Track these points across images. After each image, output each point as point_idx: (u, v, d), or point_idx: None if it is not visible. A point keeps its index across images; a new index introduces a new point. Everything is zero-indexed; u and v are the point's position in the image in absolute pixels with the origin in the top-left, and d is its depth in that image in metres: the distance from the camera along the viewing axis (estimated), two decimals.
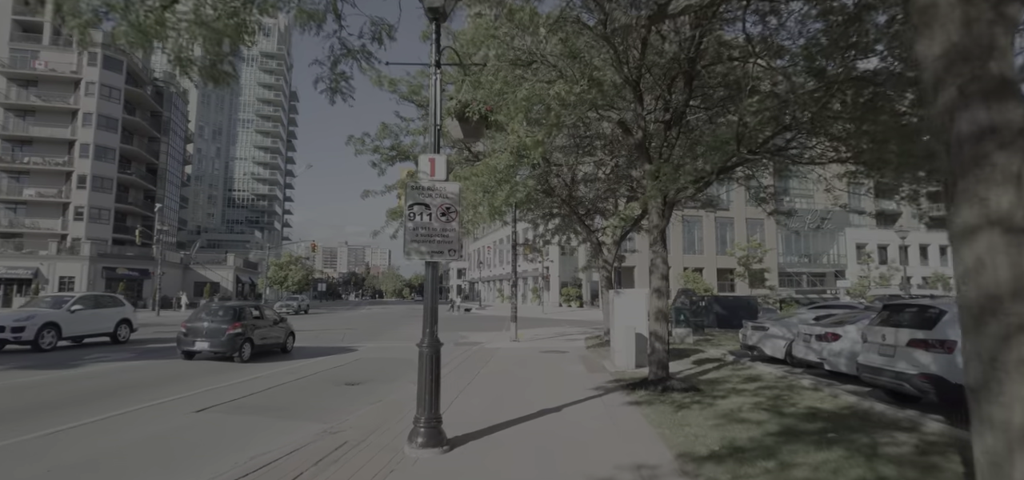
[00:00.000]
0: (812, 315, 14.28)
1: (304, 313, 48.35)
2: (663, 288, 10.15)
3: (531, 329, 27.62)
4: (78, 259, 50.61)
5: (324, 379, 12.73)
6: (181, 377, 12.67)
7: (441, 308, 63.64)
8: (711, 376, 11.47)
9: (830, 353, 11.02)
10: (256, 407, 9.50)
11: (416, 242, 6.45)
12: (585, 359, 15.09)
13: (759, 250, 51.04)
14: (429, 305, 6.38)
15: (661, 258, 10.23)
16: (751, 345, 14.47)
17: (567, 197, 18.22)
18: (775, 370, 12.03)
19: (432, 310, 6.38)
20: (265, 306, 18.29)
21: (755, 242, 52.65)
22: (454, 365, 14.23)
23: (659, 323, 10.05)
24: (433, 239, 6.47)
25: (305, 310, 49.97)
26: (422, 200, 6.51)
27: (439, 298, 39.48)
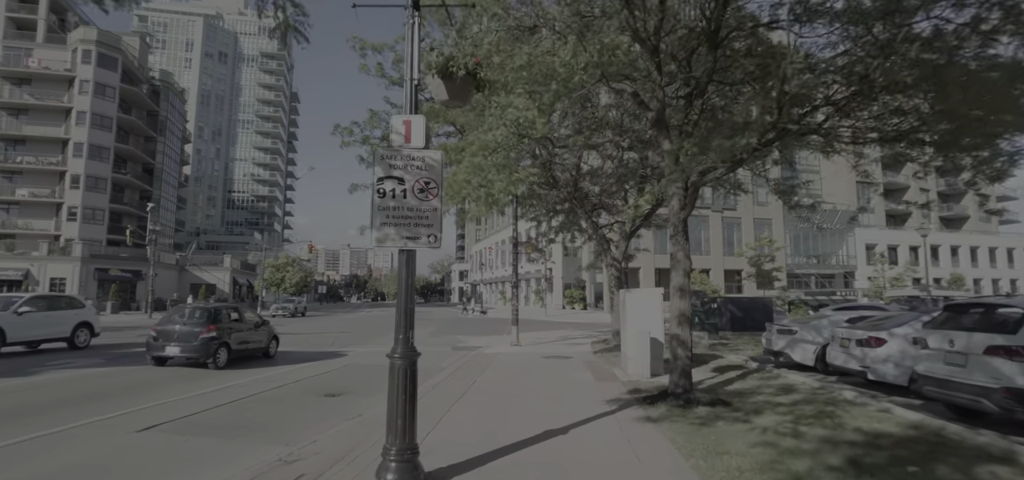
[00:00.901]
0: (843, 317, 12.90)
1: (301, 316, 47.06)
2: (685, 287, 8.80)
3: (533, 332, 26.26)
4: (69, 260, 49.41)
5: (303, 389, 11.41)
6: (143, 387, 11.37)
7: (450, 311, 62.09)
8: (738, 386, 10.11)
9: (874, 360, 9.65)
10: (212, 425, 8.17)
11: (386, 225, 5.12)
12: (592, 366, 13.74)
13: (770, 248, 49.45)
14: (403, 305, 5.05)
15: (683, 252, 8.88)
16: (776, 350, 13.10)
17: (572, 191, 16.89)
18: (808, 379, 10.65)
19: (407, 312, 5.04)
20: (245, 308, 16.97)
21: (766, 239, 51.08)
22: (448, 373, 12.89)
23: (682, 327, 8.69)
24: (408, 221, 5.14)
25: (302, 313, 48.66)
26: (395, 172, 5.18)
27: (440, 300, 38.27)
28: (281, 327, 31.70)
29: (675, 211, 8.92)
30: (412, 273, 5.12)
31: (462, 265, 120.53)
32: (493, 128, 8.67)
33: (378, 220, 5.12)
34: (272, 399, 10.35)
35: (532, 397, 9.65)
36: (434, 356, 17.36)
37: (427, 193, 5.19)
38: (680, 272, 8.81)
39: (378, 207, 5.13)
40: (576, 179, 16.70)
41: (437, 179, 5.23)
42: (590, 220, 17.54)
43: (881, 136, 8.31)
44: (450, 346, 20.58)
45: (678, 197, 8.92)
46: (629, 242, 17.56)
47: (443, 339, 24.08)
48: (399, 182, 5.18)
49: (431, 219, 5.17)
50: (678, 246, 8.86)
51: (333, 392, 10.97)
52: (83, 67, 57.73)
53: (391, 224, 5.12)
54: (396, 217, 5.13)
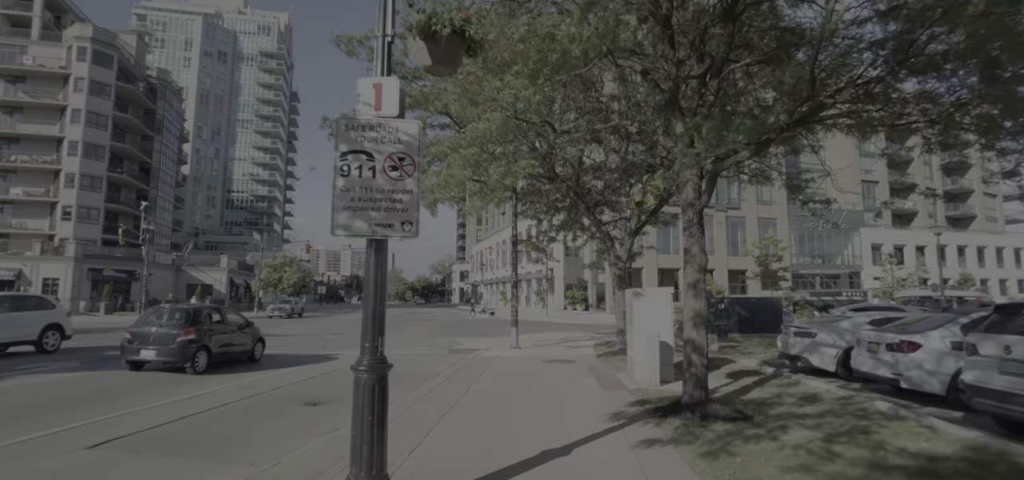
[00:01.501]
0: (866, 319, 12.00)
1: (297, 317, 46.19)
2: (700, 285, 7.91)
3: (534, 334, 25.37)
4: (62, 260, 48.60)
5: (283, 397, 10.54)
6: (111, 394, 10.52)
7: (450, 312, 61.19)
8: (756, 395, 9.21)
9: (908, 367, 8.74)
10: (173, 440, 7.29)
11: (350, 210, 4.24)
12: (596, 371, 12.84)
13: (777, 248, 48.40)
14: (371, 308, 4.16)
15: (698, 246, 7.98)
16: (794, 355, 12.19)
17: (574, 185, 16.00)
18: (832, 387, 9.75)
19: (375, 315, 4.16)
20: (230, 309, 16.10)
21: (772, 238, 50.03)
22: (442, 379, 12.01)
23: (697, 330, 7.80)
24: (378, 205, 4.26)
25: (299, 313, 47.79)
26: (362, 146, 4.30)
27: (441, 301, 37.19)
28: (274, 328, 30.94)
29: (689, 200, 8.03)
30: (383, 268, 4.24)
31: (463, 265, 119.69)
32: (487, 113, 7.79)
33: (341, 204, 4.24)
34: (247, 409, 9.48)
35: (531, 407, 8.76)
36: (429, 359, 16.49)
37: (401, 172, 4.31)
38: (694, 268, 7.91)
39: (341, 189, 4.25)
40: (578, 173, 15.81)
41: (414, 155, 4.35)
42: (593, 216, 16.65)
43: (925, 119, 7.41)
44: (447, 349, 19.71)
45: (693, 185, 8.03)
46: (634, 239, 16.65)
47: (440, 341, 23.21)
48: (367, 158, 4.29)
49: (406, 203, 4.28)
50: (693, 239, 7.97)
51: (315, 401, 10.09)
52: (78, 64, 56.90)
53: (357, 209, 4.24)
54: (363, 201, 4.25)
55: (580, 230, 20.50)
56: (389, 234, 4.24)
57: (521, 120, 8.32)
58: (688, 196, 8.07)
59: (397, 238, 4.27)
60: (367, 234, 4.23)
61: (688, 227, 8.05)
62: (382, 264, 4.24)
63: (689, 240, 8.02)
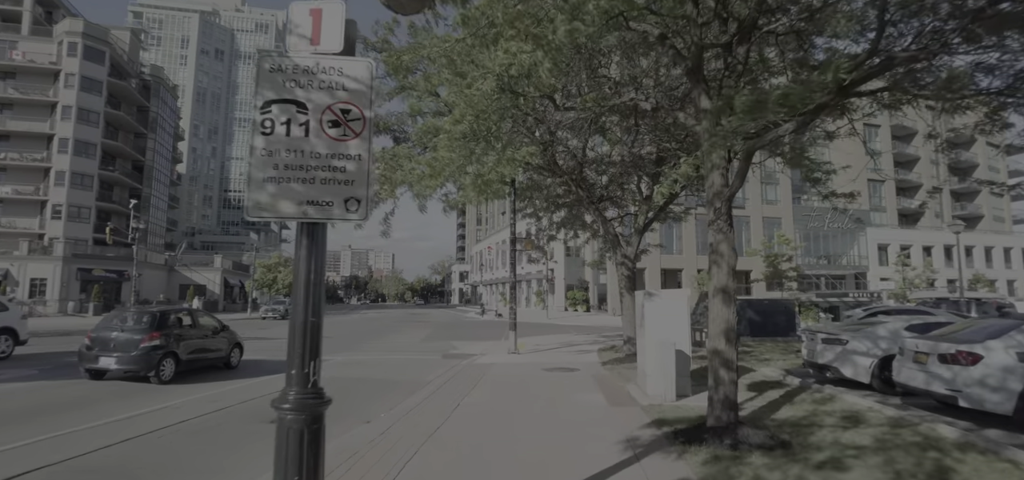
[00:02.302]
0: (903, 324, 10.78)
1: None
2: (730, 289, 6.69)
3: (534, 337, 24.15)
4: (51, 259, 47.35)
5: (250, 412, 9.33)
6: (55, 409, 9.35)
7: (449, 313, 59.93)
8: (787, 413, 7.99)
9: (968, 382, 7.51)
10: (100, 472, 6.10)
11: (274, 182, 3.02)
12: (602, 382, 11.62)
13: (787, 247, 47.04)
14: (301, 320, 2.94)
15: (727, 242, 6.76)
16: (822, 364, 10.96)
17: (577, 178, 14.78)
18: (873, 403, 8.54)
19: (305, 330, 2.95)
20: (203, 312, 14.89)
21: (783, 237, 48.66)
22: (430, 391, 10.78)
23: (726, 341, 6.58)
24: (311, 175, 3.05)
25: None
26: (291, 94, 3.09)
27: (440, 302, 35.67)
28: (265, 331, 29.68)
29: (716, 189, 6.80)
30: (318, 262, 3.02)
31: (462, 266, 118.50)
32: (478, 82, 6.57)
33: (261, 174, 3.02)
34: (205, 428, 8.26)
35: (528, 430, 7.54)
36: (421, 366, 15.29)
37: (346, 129, 3.09)
38: (723, 269, 6.69)
39: (261, 153, 3.03)
40: (581, 164, 14.60)
41: (363, 107, 3.13)
42: (597, 212, 15.42)
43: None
44: (441, 353, 18.51)
45: (720, 171, 6.81)
46: (642, 237, 15.44)
47: (435, 345, 22.01)
48: (298, 111, 3.08)
49: (351, 173, 3.06)
50: (721, 235, 6.75)
51: None
52: (69, 60, 55.68)
53: (283, 180, 3.02)
54: (291, 169, 3.03)
55: (582, 228, 19.30)
56: (327, 216, 3.02)
57: (518, 93, 7.10)
58: (715, 184, 6.84)
59: (338, 221, 3.06)
60: (295, 215, 3.01)
61: (715, 221, 6.83)
62: (317, 256, 3.03)
63: (717, 236, 6.80)
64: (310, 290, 2.98)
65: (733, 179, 6.70)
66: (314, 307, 2.98)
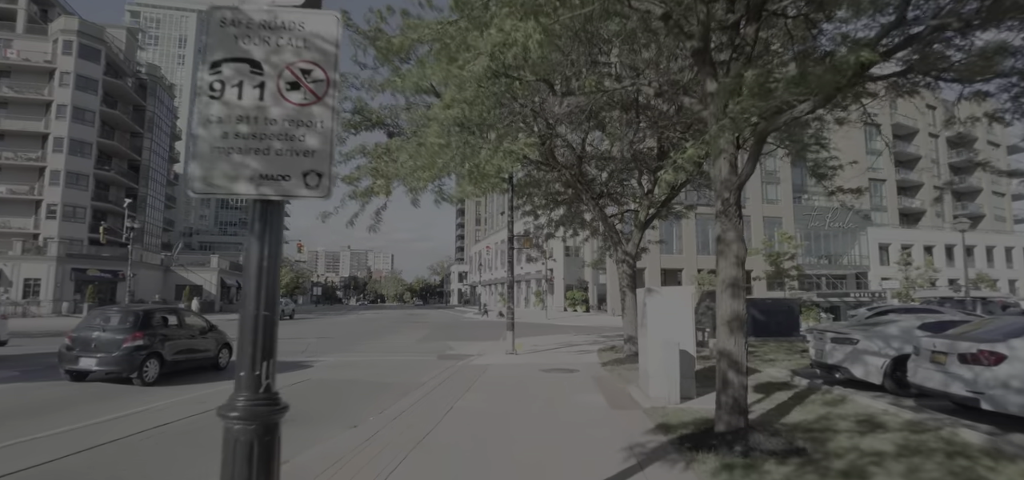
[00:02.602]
0: (915, 323, 10.36)
1: (289, 318, 44.53)
2: (739, 282, 6.27)
3: (533, 337, 23.71)
4: (45, 259, 46.84)
5: None
6: (27, 412, 8.93)
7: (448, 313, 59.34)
8: (799, 416, 7.56)
9: (992, 383, 7.08)
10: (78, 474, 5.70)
11: (223, 152, 2.59)
12: (603, 383, 11.18)
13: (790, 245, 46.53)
14: (252, 314, 2.51)
15: (735, 233, 6.34)
16: (831, 364, 10.54)
17: (576, 173, 14.34)
18: (888, 405, 8.11)
19: (257, 326, 2.52)
20: (188, 311, 14.44)
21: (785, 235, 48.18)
22: (423, 393, 10.35)
23: (735, 339, 6.15)
24: (267, 145, 2.61)
25: (290, 315, 46.14)
26: (246, 52, 2.66)
27: (439, 302, 35.02)
28: None
29: (723, 177, 6.38)
30: (273, 247, 2.59)
31: (461, 266, 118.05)
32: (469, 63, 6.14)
33: (208, 145, 2.59)
34: (179, 435, 7.82)
35: (524, 435, 7.11)
36: (416, 367, 14.86)
37: (307, 93, 2.66)
38: (731, 261, 6.27)
39: (210, 121, 2.60)
40: (580, 158, 14.17)
41: (329, 69, 2.70)
42: (597, 207, 14.99)
43: None
44: (437, 354, 18.08)
45: (727, 158, 6.38)
46: (644, 233, 15.00)
47: (431, 345, 21.57)
48: (253, 71, 2.65)
49: (313, 144, 2.63)
50: (729, 225, 6.32)
51: None
52: (64, 58, 55.20)
53: (233, 151, 2.59)
54: (244, 139, 2.60)
55: (581, 226, 18.86)
56: (283, 192, 2.59)
57: (512, 77, 6.68)
58: (722, 172, 6.42)
59: (299, 198, 2.63)
60: (247, 192, 2.58)
61: (723, 211, 6.40)
62: (272, 239, 2.60)
63: (724, 227, 6.37)
64: (263, 279, 2.54)
65: (743, 166, 6.27)
66: (268, 299, 2.54)
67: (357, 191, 13.60)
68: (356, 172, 12.60)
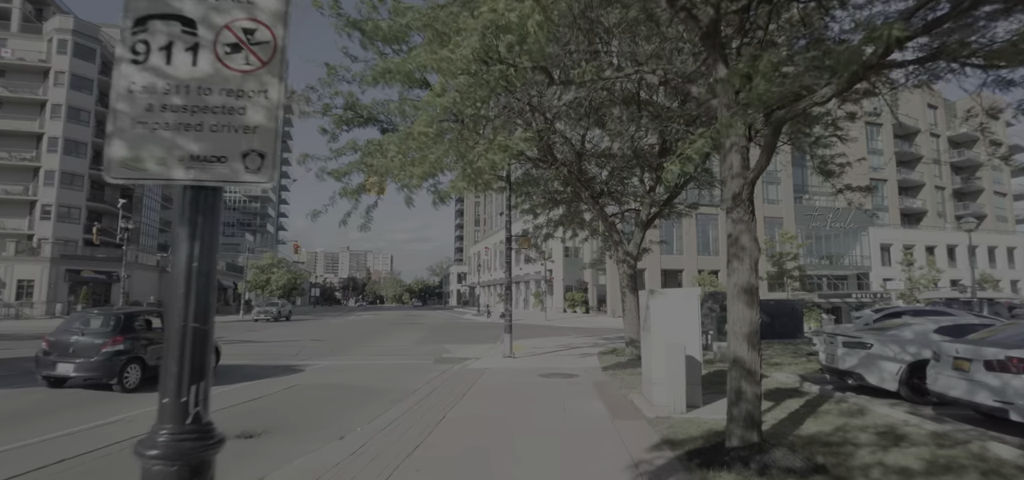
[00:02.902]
0: (932, 326, 9.90)
1: (285, 320, 44.01)
2: (754, 287, 5.80)
3: (531, 339, 23.24)
4: (38, 260, 46.32)
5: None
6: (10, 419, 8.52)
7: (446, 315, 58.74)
8: (814, 428, 7.09)
9: (1021, 393, 6.62)
10: None
11: (145, 128, 2.11)
12: (603, 389, 10.71)
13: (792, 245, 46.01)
14: (179, 328, 2.03)
15: (749, 234, 5.87)
16: (843, 369, 10.07)
17: (576, 171, 13.87)
18: (908, 416, 7.63)
19: (184, 341, 2.03)
20: None
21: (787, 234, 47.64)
22: (416, 400, 9.87)
23: (749, 347, 5.69)
24: (200, 120, 2.14)
25: (286, 317, 45.59)
26: (175, 8, 2.18)
27: (438, 303, 34.37)
28: (253, 334, 28.70)
29: (735, 171, 5.91)
30: (209, 240, 2.12)
31: (460, 267, 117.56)
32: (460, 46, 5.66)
33: (129, 117, 2.12)
34: None
35: (519, 449, 6.63)
36: (410, 371, 14.38)
37: (250, 57, 2.18)
38: (745, 264, 5.79)
39: (131, 91, 2.13)
40: (580, 155, 13.70)
41: (276, 27, 2.23)
42: (597, 206, 14.51)
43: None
44: (433, 357, 17.60)
45: (739, 151, 5.91)
46: (645, 233, 14.52)
47: (428, 348, 21.09)
48: (185, 30, 2.17)
49: (256, 117, 2.16)
50: (742, 225, 5.85)
51: (251, 431, 7.96)
52: (58, 58, 54.67)
53: (159, 127, 2.12)
54: (174, 112, 2.13)
55: (580, 226, 18.39)
56: (218, 176, 2.12)
57: (507, 64, 6.20)
58: (734, 166, 5.94)
59: (238, 184, 2.15)
60: (174, 175, 2.10)
61: (734, 208, 5.93)
62: (207, 234, 2.13)
63: (736, 226, 5.90)
64: (193, 283, 2.07)
65: (757, 159, 5.80)
66: (199, 308, 2.06)
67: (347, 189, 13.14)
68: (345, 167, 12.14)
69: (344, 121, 14.71)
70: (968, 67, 5.97)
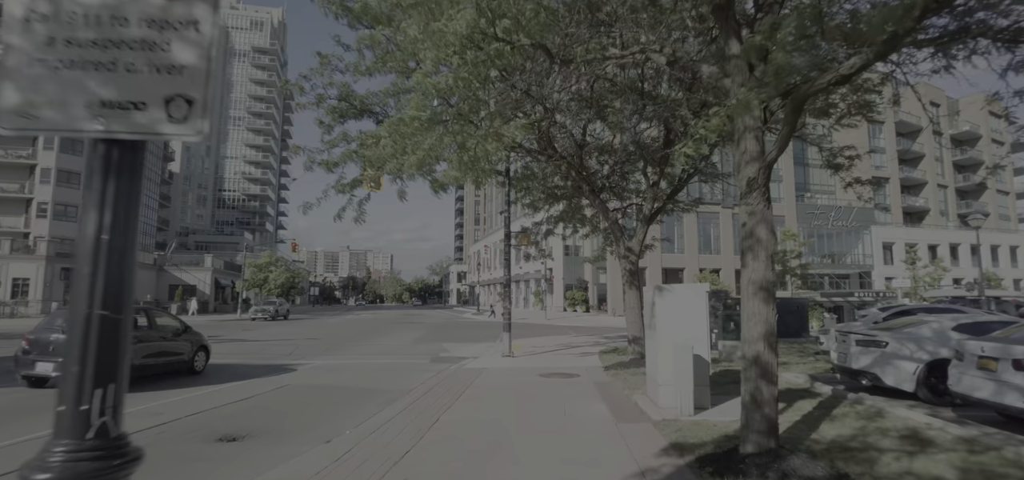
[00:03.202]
0: (950, 323, 9.47)
1: (283, 319, 43.54)
2: (770, 283, 5.37)
3: (531, 338, 22.81)
4: (34, 259, 45.87)
5: (192, 428, 7.94)
6: None
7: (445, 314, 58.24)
8: (831, 432, 6.65)
9: None
10: None
11: (44, 67, 1.68)
12: (606, 390, 10.28)
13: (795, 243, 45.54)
14: (83, 313, 1.60)
15: (764, 224, 5.44)
16: (857, 369, 9.63)
17: (577, 164, 13.44)
18: (931, 419, 7.20)
19: (89, 331, 1.60)
20: (161, 312, 13.51)
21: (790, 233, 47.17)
22: (409, 401, 9.44)
23: (767, 347, 5.25)
24: (112, 58, 1.71)
25: (284, 316, 45.10)
26: None
27: (438, 302, 33.79)
28: (249, 333, 28.23)
29: (750, 156, 5.47)
30: (126, 208, 1.70)
31: (460, 266, 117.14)
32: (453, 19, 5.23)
33: (26, 54, 1.69)
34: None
35: (516, 455, 6.19)
36: (406, 371, 13.96)
37: None
38: (761, 258, 5.36)
39: (28, 20, 1.70)
40: (580, 146, 13.27)
41: None
42: (598, 200, 14.07)
43: None
44: (430, 357, 17.16)
45: (754, 134, 5.48)
46: (648, 229, 14.08)
47: (426, 347, 20.65)
48: None
49: (183, 55, 1.73)
50: (756, 216, 5.41)
51: (234, 434, 7.52)
52: None
53: (62, 65, 1.69)
54: (80, 47, 1.70)
55: (581, 222, 17.95)
56: (138, 126, 1.70)
57: (504, 41, 5.76)
58: (748, 151, 5.51)
59: (161, 136, 1.73)
60: (78, 125, 1.68)
61: (748, 196, 5.49)
62: (124, 201, 1.70)
63: (751, 216, 5.46)
64: (103, 261, 1.64)
65: (777, 139, 5.37)
66: (110, 291, 1.64)
67: (342, 184, 12.71)
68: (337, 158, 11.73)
69: (338, 112, 14.29)
70: (997, 43, 5.55)
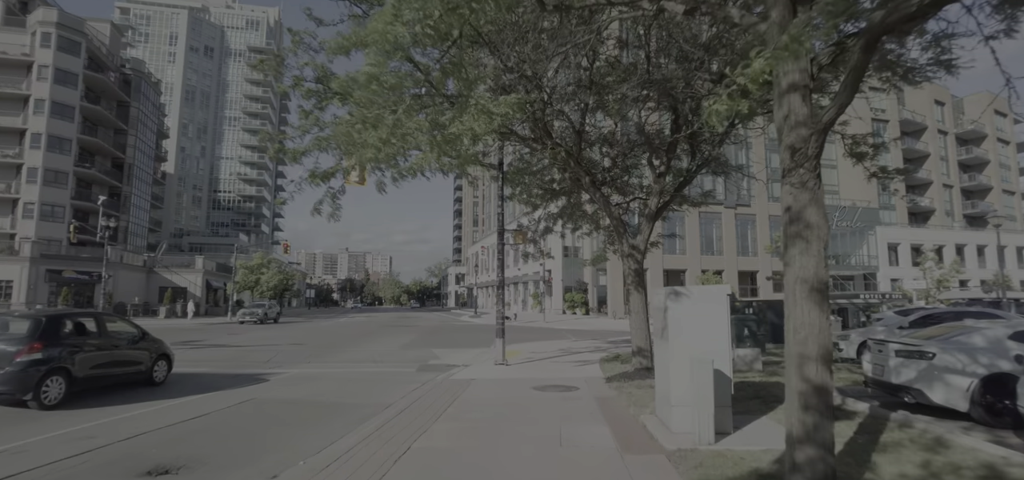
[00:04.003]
0: (1003, 331, 8.22)
1: (272, 322, 42.22)
2: (822, 281, 4.12)
3: (528, 342, 21.56)
4: (17, 260, 44.54)
5: (120, 457, 6.67)
6: None
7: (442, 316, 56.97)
8: (892, 469, 5.38)
9: None
10: None
11: None
12: (608, 408, 9.01)
13: None
14: None
15: (815, 204, 4.20)
16: (897, 384, 8.38)
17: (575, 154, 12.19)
18: (1001, 448, 5.95)
19: None
20: (114, 317, 12.22)
21: None
22: (380, 423, 8.17)
23: (820, 366, 4.00)
24: None
25: (274, 319, 43.76)
26: None
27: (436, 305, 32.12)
28: (232, 337, 26.90)
29: (795, 120, 4.23)
30: None
31: (458, 268, 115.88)
32: None
33: None
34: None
35: None
36: (388, 381, 12.71)
37: None
38: (813, 248, 4.12)
39: None
40: (579, 133, 12.01)
41: None
42: (599, 193, 12.82)
43: None
44: (418, 365, 15.88)
45: (800, 93, 4.24)
46: (654, 226, 12.83)
47: (415, 353, 19.38)
48: None
49: None
50: (806, 194, 4.17)
51: (166, 467, 6.26)
52: (42, 51, 52.97)
53: None
54: None
55: (582, 218, 16.70)
56: None
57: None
58: (795, 114, 4.26)
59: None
60: None
61: (794, 170, 4.25)
62: None
63: (798, 197, 4.22)
64: None
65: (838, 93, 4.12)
66: None
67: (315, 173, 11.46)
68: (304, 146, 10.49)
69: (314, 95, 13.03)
70: None
